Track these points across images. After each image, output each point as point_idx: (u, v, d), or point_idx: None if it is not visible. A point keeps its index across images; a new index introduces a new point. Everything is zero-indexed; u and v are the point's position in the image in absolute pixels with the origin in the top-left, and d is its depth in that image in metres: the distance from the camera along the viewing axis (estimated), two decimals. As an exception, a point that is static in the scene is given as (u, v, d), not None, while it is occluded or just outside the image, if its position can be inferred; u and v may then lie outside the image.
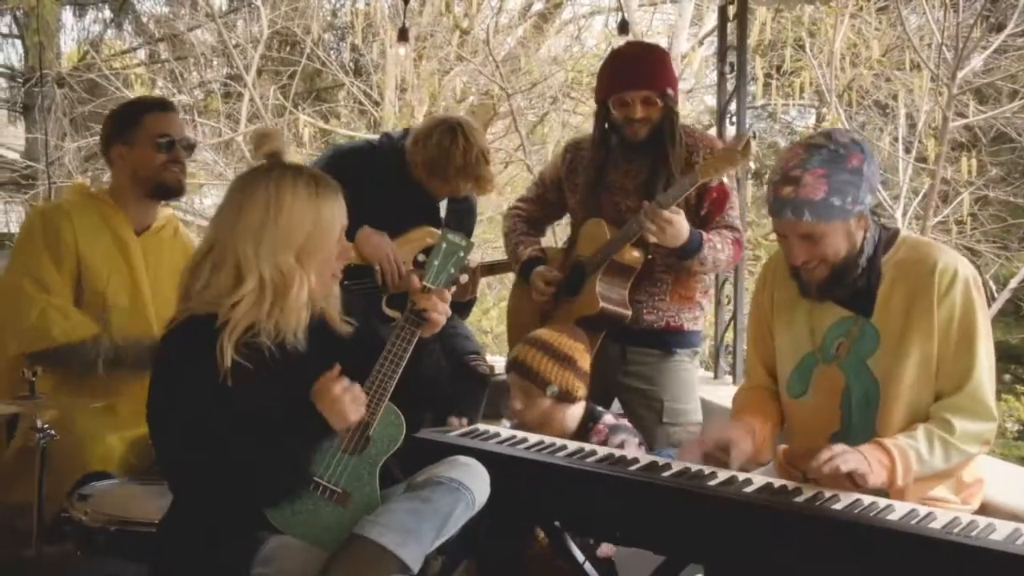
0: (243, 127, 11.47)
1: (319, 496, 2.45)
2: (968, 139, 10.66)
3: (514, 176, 12.11)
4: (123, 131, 3.54)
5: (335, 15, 14.09)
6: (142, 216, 3.60)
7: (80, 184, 4.71)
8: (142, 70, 13.09)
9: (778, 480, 2.51)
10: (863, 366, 2.70)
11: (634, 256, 3.56)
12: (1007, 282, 10.39)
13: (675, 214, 3.35)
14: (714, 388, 5.00)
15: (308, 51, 11.98)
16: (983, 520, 2.22)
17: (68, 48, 13.91)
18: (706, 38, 11.79)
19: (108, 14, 14.05)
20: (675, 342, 3.71)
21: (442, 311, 2.59)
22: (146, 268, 3.53)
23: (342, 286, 2.63)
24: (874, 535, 2.18)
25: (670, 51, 9.59)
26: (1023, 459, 9.68)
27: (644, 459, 2.68)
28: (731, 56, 5.18)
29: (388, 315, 3.71)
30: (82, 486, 3.02)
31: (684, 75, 11.22)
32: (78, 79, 12.05)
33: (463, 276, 3.70)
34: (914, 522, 2.22)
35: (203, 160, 12.07)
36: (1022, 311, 11.44)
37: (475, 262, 4.04)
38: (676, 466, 2.59)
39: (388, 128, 9.76)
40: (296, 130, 11.40)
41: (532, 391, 3.17)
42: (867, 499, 2.36)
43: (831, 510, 2.31)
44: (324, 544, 2.39)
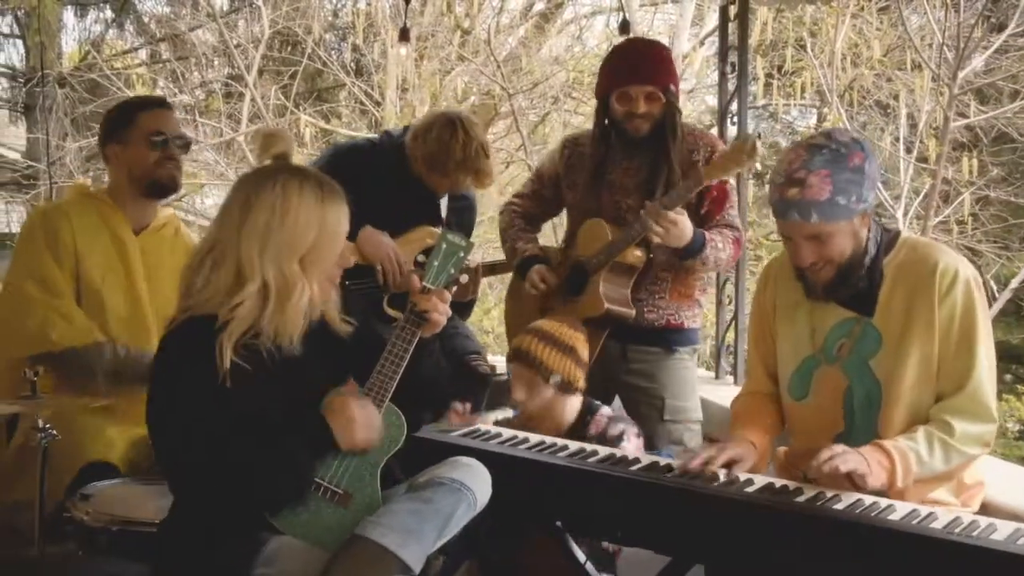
0: (244, 127, 11.46)
1: (320, 497, 2.44)
2: (969, 139, 10.65)
3: (515, 176, 12.09)
4: (118, 130, 3.55)
5: (336, 15, 14.09)
6: (141, 215, 3.61)
7: (80, 184, 4.71)
8: (143, 70, 13.09)
9: (779, 480, 2.51)
10: (865, 367, 2.70)
11: (636, 256, 3.56)
12: (1008, 282, 10.37)
13: (679, 215, 3.36)
14: (715, 388, 5.00)
15: (309, 51, 11.97)
16: (984, 520, 2.22)
17: (69, 48, 13.91)
18: (707, 38, 11.80)
19: (109, 14, 14.06)
20: (675, 340, 3.71)
21: (442, 311, 2.60)
22: (145, 267, 3.53)
23: (343, 286, 2.63)
24: (875, 535, 2.19)
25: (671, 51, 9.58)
26: (1024, 459, 9.68)
27: (645, 459, 2.68)
28: (732, 56, 5.18)
29: (389, 315, 3.71)
30: (83, 479, 3.03)
31: (685, 75, 11.20)
32: (79, 79, 12.05)
33: (463, 276, 3.70)
34: (915, 522, 2.22)
35: (204, 160, 12.08)
36: (1023, 311, 11.43)
37: (476, 262, 4.03)
38: (677, 466, 2.59)
39: (389, 128, 9.75)
40: (297, 130, 11.39)
41: (535, 381, 3.18)
42: (868, 499, 2.36)
43: (832, 510, 2.31)
44: (326, 545, 2.38)
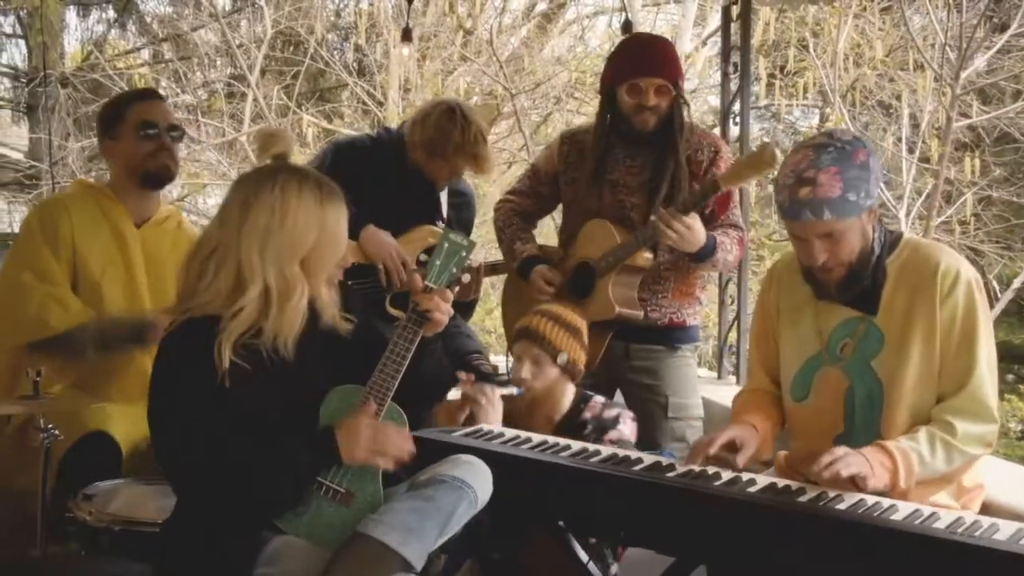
0: (247, 127, 11.47)
1: (322, 496, 2.45)
2: (971, 139, 10.65)
3: (518, 176, 12.10)
4: (110, 126, 3.56)
5: (339, 15, 14.09)
6: (142, 208, 3.61)
7: (82, 179, 4.73)
8: (146, 70, 13.12)
9: (782, 480, 2.51)
10: (867, 367, 2.70)
11: (646, 258, 3.56)
12: (1010, 282, 10.38)
13: (693, 219, 3.36)
14: (717, 388, 4.99)
15: (312, 51, 11.97)
16: (986, 520, 2.22)
17: (72, 48, 13.95)
18: (709, 38, 11.81)
19: (112, 14, 14.06)
20: (677, 338, 3.72)
21: (444, 311, 2.60)
22: (146, 260, 3.53)
23: (345, 285, 2.63)
24: (878, 535, 2.18)
25: (674, 50, 9.57)
26: (1026, 459, 9.67)
27: (648, 459, 2.68)
28: (735, 56, 5.17)
29: (392, 314, 3.70)
30: (81, 450, 3.07)
31: (687, 75, 11.17)
32: (82, 79, 12.05)
33: (465, 276, 3.70)
34: (918, 522, 2.22)
35: (207, 160, 12.09)
36: (1025, 311, 11.44)
37: (478, 262, 4.03)
38: (680, 466, 2.59)
39: (388, 126, 9.76)
40: (300, 130, 11.40)
41: (542, 359, 3.19)
42: (871, 499, 2.36)
43: (835, 510, 2.31)
44: (328, 544, 2.38)
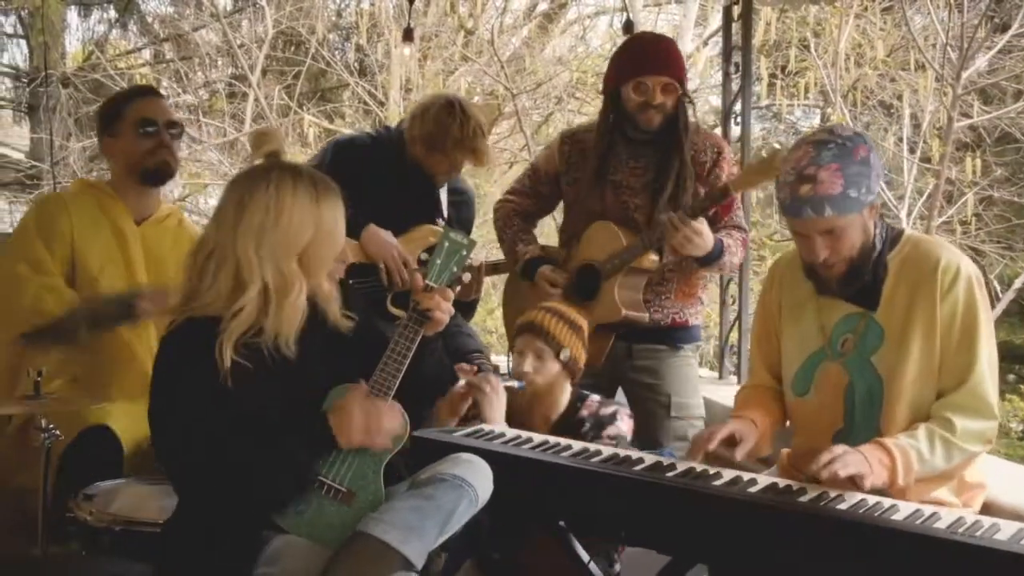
0: (248, 127, 11.46)
1: (324, 495, 2.45)
2: (972, 139, 10.65)
3: (517, 176, 12.11)
4: (109, 123, 3.56)
5: (340, 15, 14.10)
6: (142, 206, 3.60)
7: (83, 178, 4.72)
8: (147, 70, 13.13)
9: (783, 480, 2.51)
10: (867, 363, 2.70)
11: (652, 260, 3.57)
12: (1012, 282, 10.37)
13: (701, 224, 3.36)
14: (719, 388, 4.99)
15: (313, 51, 11.97)
16: (987, 520, 2.21)
17: (73, 48, 13.94)
18: (711, 38, 11.80)
19: (113, 14, 14.07)
20: (679, 337, 3.73)
21: (445, 310, 2.60)
22: (145, 257, 3.53)
23: (346, 284, 2.62)
24: (879, 535, 2.18)
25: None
26: (1028, 459, 9.66)
27: (649, 459, 2.68)
28: (736, 56, 5.16)
29: (393, 314, 3.70)
30: (81, 444, 3.06)
31: (689, 75, 11.20)
32: (83, 79, 12.05)
33: (466, 275, 3.70)
34: (919, 522, 2.21)
35: (208, 160, 12.10)
36: (1027, 311, 11.44)
37: (479, 261, 4.03)
38: (681, 466, 2.59)
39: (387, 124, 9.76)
40: (301, 130, 11.41)
41: (546, 353, 3.19)
42: (872, 499, 2.36)
43: (836, 510, 2.31)
44: (329, 543, 2.38)
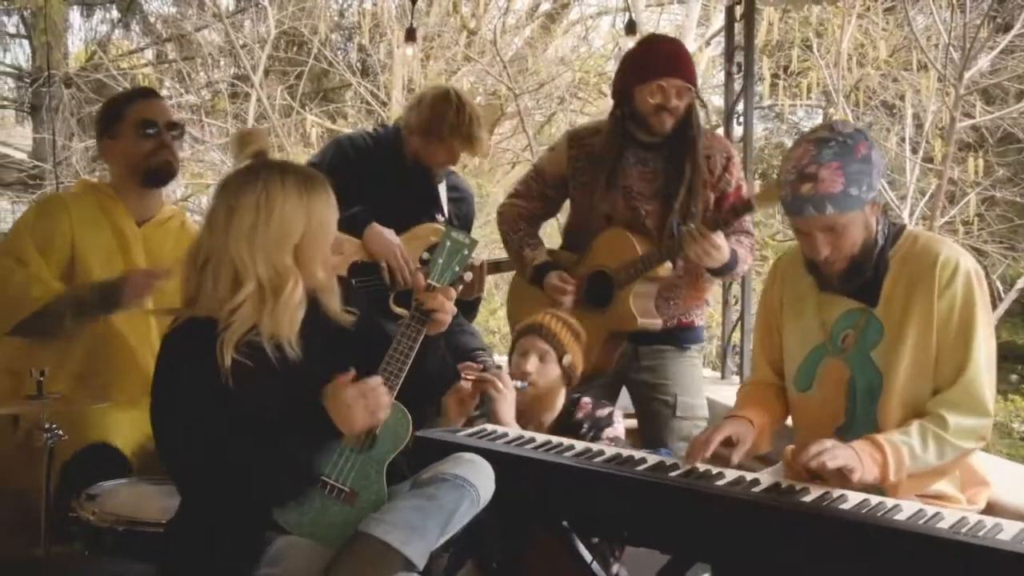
0: (250, 127, 11.47)
1: (326, 495, 2.45)
2: (975, 139, 10.65)
3: (520, 178, 12.10)
4: (109, 125, 3.55)
5: (342, 15, 14.10)
6: (144, 207, 3.59)
7: (85, 179, 4.72)
8: (149, 70, 13.14)
9: (785, 480, 2.51)
10: (867, 359, 2.70)
11: (666, 269, 3.56)
12: (1014, 282, 10.35)
13: (719, 237, 3.36)
14: (721, 388, 4.99)
15: (315, 51, 11.99)
16: (990, 520, 2.21)
17: (75, 48, 13.95)
18: (713, 38, 11.81)
19: (115, 14, 14.08)
20: (685, 338, 3.74)
21: (448, 309, 2.59)
22: (148, 259, 3.51)
23: (349, 283, 2.62)
24: (881, 535, 2.18)
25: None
26: (1030, 459, 9.64)
27: (651, 459, 2.68)
28: (738, 56, 5.17)
29: (396, 313, 3.70)
30: (81, 460, 3.04)
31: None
32: (85, 79, 12.07)
33: (467, 274, 3.70)
34: (921, 522, 2.21)
35: (210, 160, 12.11)
36: (1029, 311, 11.41)
37: (480, 260, 4.03)
38: (683, 466, 2.59)
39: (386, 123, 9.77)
40: (303, 130, 11.42)
41: (549, 356, 3.19)
42: (874, 499, 2.36)
43: (838, 510, 2.31)
44: (332, 543, 2.38)
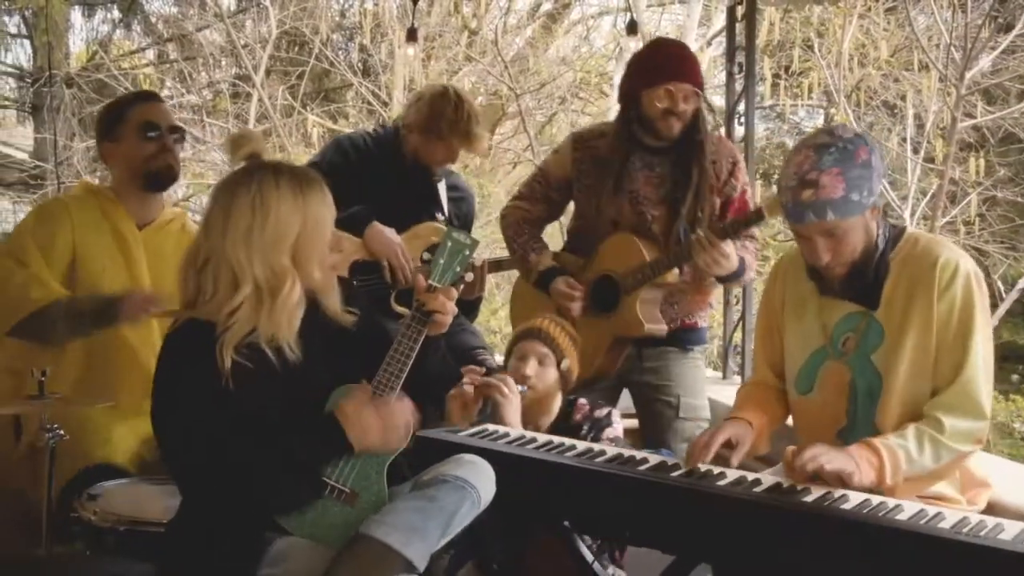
0: (252, 127, 11.47)
1: (327, 496, 2.44)
2: (976, 139, 10.65)
3: (523, 177, 12.06)
4: (110, 128, 3.55)
5: (344, 15, 14.11)
6: (145, 210, 3.59)
7: (86, 181, 4.72)
8: (151, 70, 13.15)
9: (787, 480, 2.51)
10: (868, 361, 2.71)
11: (673, 275, 3.56)
12: (1015, 282, 10.34)
13: (729, 246, 3.36)
14: (723, 388, 4.99)
15: (317, 51, 11.99)
16: (992, 520, 2.21)
17: (77, 48, 13.97)
18: (714, 38, 11.81)
19: (117, 14, 14.09)
20: (688, 339, 3.74)
21: (449, 310, 2.59)
22: (149, 262, 3.51)
23: (349, 283, 2.62)
24: (883, 535, 2.18)
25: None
26: (1032, 459, 9.63)
27: (652, 459, 2.68)
28: (739, 56, 5.16)
29: (397, 311, 3.70)
30: (86, 480, 3.01)
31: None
32: (87, 79, 12.07)
33: (468, 274, 3.70)
34: (923, 522, 2.21)
35: (212, 160, 12.10)
36: (1030, 311, 11.41)
37: (481, 259, 4.02)
38: (684, 467, 2.59)
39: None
40: (305, 130, 11.42)
41: (548, 360, 3.18)
42: (876, 499, 2.36)
43: (840, 510, 2.31)
44: (332, 544, 2.37)
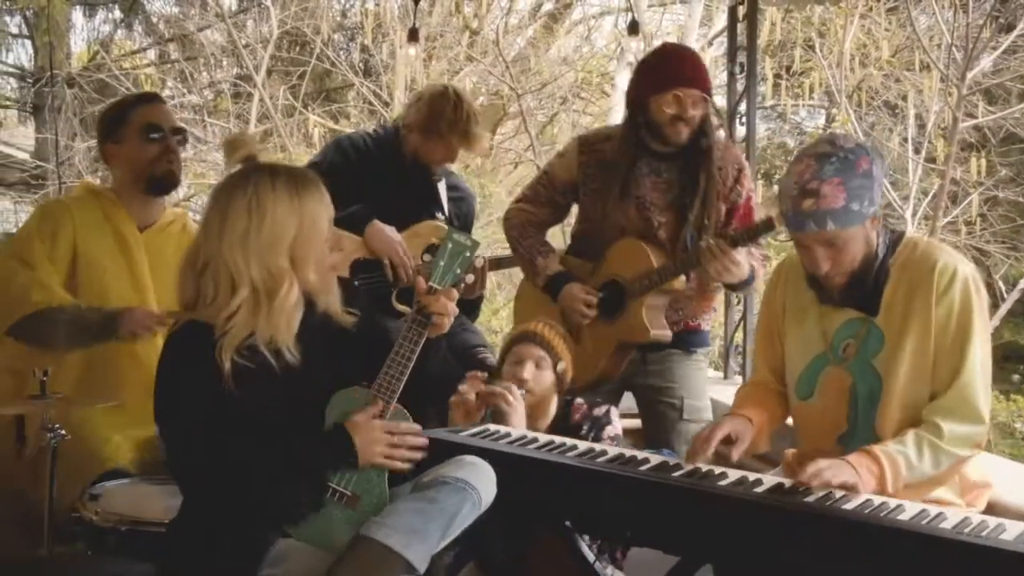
0: (253, 127, 11.47)
1: (329, 499, 2.44)
2: (977, 140, 10.64)
3: (524, 176, 12.11)
4: (113, 130, 3.55)
5: (345, 15, 14.09)
6: (146, 213, 3.60)
7: (87, 182, 4.72)
8: (152, 70, 13.14)
9: (788, 480, 2.51)
10: (868, 366, 2.71)
11: (681, 281, 3.55)
12: (1016, 283, 10.33)
13: (739, 254, 3.35)
14: (724, 388, 4.99)
15: (318, 51, 11.98)
16: (993, 520, 2.22)
17: (78, 48, 13.97)
18: (716, 38, 11.78)
19: (118, 14, 14.08)
20: (692, 341, 3.74)
21: (450, 312, 2.59)
22: (150, 264, 3.51)
23: (350, 284, 2.62)
24: (884, 535, 2.18)
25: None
26: (1033, 459, 9.62)
27: (654, 459, 2.68)
28: (741, 56, 5.17)
29: (398, 310, 3.70)
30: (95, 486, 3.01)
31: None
32: (88, 79, 12.06)
33: (469, 276, 3.69)
34: (924, 522, 2.21)
35: (213, 160, 12.09)
36: (1032, 312, 11.40)
37: (481, 258, 4.01)
38: (686, 466, 2.59)
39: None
40: (306, 130, 11.42)
41: (545, 363, 3.19)
42: (877, 499, 2.36)
43: (841, 510, 2.31)
44: (334, 547, 2.38)
